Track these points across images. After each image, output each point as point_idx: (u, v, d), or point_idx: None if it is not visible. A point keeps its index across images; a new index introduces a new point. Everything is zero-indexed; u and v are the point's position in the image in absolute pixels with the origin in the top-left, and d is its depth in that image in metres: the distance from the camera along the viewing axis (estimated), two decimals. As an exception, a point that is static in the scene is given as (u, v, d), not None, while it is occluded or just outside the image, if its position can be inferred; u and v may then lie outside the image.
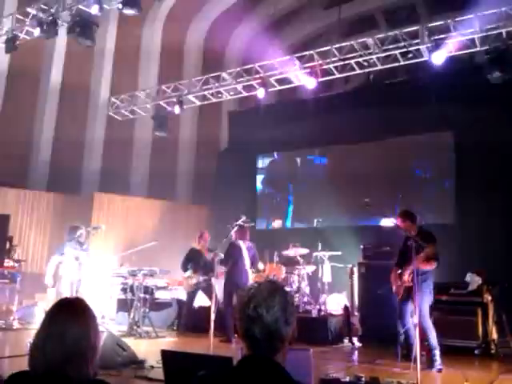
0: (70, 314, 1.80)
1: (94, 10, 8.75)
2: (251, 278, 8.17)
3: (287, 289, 8.12)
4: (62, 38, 11.19)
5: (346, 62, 9.81)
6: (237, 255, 8.12)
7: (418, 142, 10.71)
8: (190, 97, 11.74)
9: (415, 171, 10.92)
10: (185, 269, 9.08)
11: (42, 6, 9.39)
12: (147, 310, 8.62)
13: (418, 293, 5.35)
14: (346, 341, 7.97)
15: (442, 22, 8.74)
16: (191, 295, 9.05)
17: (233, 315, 7.27)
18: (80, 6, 9.00)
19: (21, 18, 9.84)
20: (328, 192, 11.06)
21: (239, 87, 11.24)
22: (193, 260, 9.05)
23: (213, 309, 6.20)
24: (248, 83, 10.98)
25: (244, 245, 8.28)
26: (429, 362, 5.79)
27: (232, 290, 7.84)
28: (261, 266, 9.92)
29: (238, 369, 1.75)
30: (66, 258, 8.18)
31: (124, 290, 9.49)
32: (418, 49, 9.12)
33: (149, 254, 9.84)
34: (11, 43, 9.80)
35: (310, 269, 9.47)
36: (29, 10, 9.59)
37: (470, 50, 8.81)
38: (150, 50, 14.04)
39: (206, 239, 9.26)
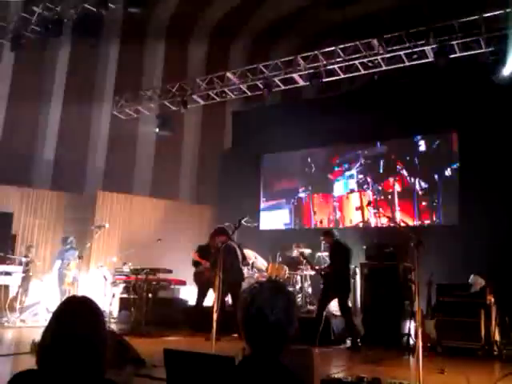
0: (78, 313, 1.78)
1: (99, 9, 8.79)
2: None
3: (290, 289, 8.17)
4: (66, 37, 11.20)
5: (351, 62, 9.82)
6: (233, 256, 8.22)
7: (422, 142, 10.72)
8: (195, 96, 11.76)
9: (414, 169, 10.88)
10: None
11: (48, 4, 9.42)
12: (150, 308, 8.62)
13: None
14: (348, 341, 7.95)
15: (447, 23, 8.73)
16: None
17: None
18: (85, 5, 9.03)
19: (26, 16, 9.86)
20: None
21: (243, 87, 11.26)
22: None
23: (215, 308, 6.19)
24: (252, 83, 10.99)
25: (235, 245, 8.38)
26: None
27: (228, 290, 7.86)
28: (262, 265, 9.95)
29: (241, 368, 1.75)
30: (67, 261, 9.95)
31: (127, 289, 9.51)
32: (423, 50, 9.11)
33: (152, 252, 9.87)
34: (16, 42, 9.84)
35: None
36: (34, 8, 9.61)
37: (474, 52, 8.79)
38: (155, 49, 14.05)
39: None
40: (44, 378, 1.68)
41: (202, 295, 8.73)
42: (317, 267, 8.49)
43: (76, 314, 1.77)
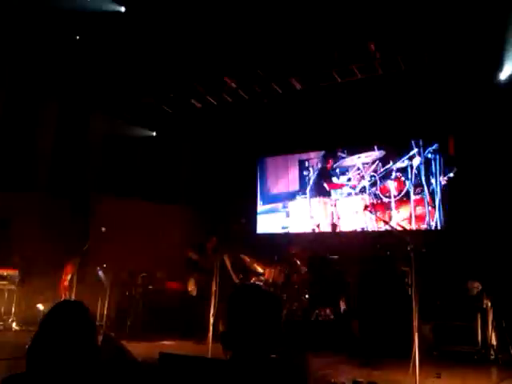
0: (69, 317, 1.78)
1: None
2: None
3: (284, 294, 8.14)
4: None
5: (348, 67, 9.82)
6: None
7: (419, 146, 10.75)
8: (192, 100, 11.74)
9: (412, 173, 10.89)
10: None
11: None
12: (146, 312, 8.61)
13: None
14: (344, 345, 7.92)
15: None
16: None
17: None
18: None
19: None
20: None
21: (241, 91, 11.24)
22: None
23: (212, 312, 6.19)
24: (250, 87, 10.98)
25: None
26: None
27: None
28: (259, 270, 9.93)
29: (229, 369, 1.73)
30: None
31: (123, 293, 9.48)
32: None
33: (148, 257, 9.85)
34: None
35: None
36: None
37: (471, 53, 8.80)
38: (152, 51, 14.00)
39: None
40: (34, 382, 1.68)
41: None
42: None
43: (65, 318, 1.77)
